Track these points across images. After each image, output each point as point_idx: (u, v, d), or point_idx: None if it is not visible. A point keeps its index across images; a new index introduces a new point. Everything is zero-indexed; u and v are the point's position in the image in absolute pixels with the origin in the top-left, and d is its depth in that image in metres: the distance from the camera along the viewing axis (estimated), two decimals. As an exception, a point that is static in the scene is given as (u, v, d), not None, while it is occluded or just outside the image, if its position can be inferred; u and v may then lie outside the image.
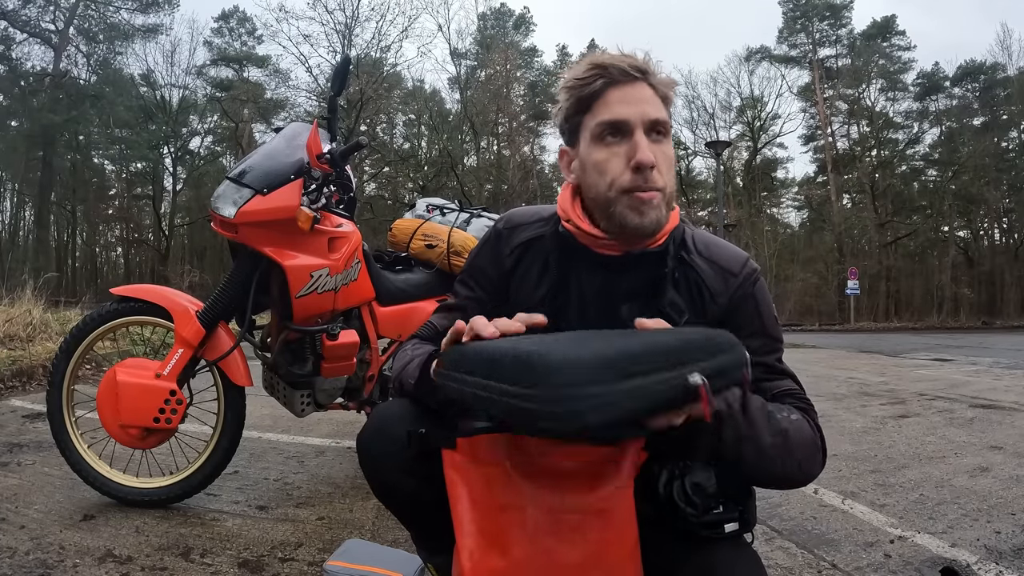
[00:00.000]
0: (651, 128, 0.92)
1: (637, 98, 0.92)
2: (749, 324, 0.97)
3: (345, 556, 1.19)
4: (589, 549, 0.77)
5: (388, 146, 26.41)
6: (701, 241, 1.00)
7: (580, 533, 0.77)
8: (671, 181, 0.94)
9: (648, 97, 0.93)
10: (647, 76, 0.93)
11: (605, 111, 0.92)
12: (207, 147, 27.27)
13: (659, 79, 0.95)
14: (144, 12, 24.29)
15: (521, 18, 29.65)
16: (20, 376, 4.05)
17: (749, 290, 0.98)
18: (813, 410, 0.97)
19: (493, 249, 1.05)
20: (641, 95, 0.92)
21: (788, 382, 0.98)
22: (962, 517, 1.97)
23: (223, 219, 1.79)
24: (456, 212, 2.43)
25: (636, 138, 0.90)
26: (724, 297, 0.97)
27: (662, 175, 0.91)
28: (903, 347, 10.27)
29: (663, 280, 0.96)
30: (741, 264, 0.99)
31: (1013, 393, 4.63)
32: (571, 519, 0.77)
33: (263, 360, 2.09)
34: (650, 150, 0.90)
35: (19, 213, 25.63)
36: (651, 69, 0.94)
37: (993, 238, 27.89)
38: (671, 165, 0.94)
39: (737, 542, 0.91)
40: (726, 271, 0.98)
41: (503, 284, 1.03)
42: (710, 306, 0.96)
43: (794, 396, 0.97)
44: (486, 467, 0.80)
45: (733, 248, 1.02)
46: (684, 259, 0.98)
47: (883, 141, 27.38)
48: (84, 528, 1.72)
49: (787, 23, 28.22)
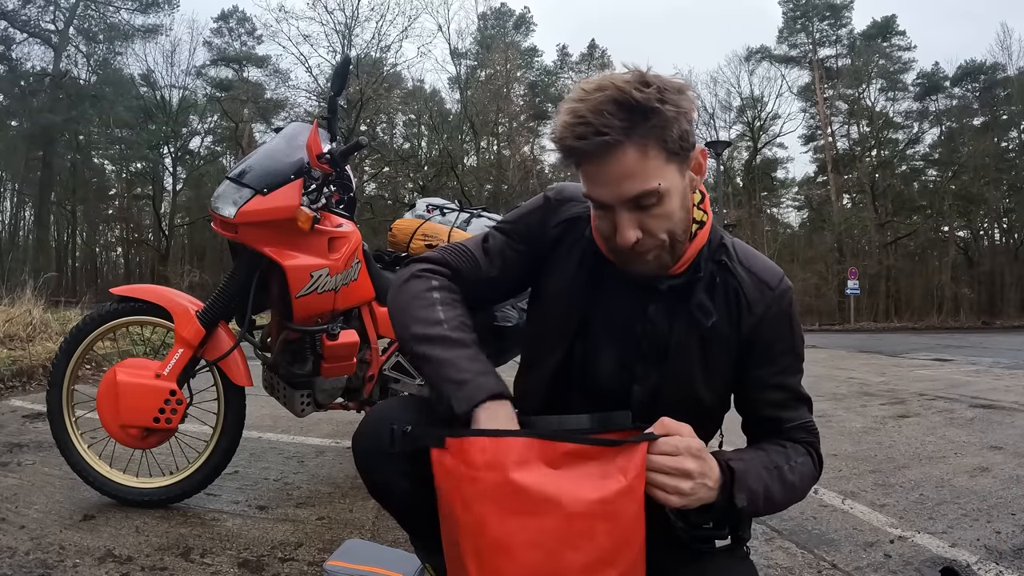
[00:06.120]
0: (635, 202, 0.84)
1: (614, 176, 0.83)
2: (781, 341, 0.99)
3: (345, 556, 1.19)
4: (596, 552, 0.76)
5: (388, 146, 26.38)
6: (741, 251, 1.00)
7: (587, 537, 0.76)
8: (675, 226, 0.88)
9: (627, 168, 0.82)
10: (630, 133, 0.81)
11: (586, 183, 0.88)
12: (207, 147, 27.26)
13: (652, 120, 0.81)
14: (144, 12, 24.27)
15: (521, 18, 29.63)
16: (20, 376, 4.05)
17: (786, 308, 0.99)
18: (817, 437, 1.01)
19: (543, 216, 1.02)
20: (618, 171, 0.82)
21: (804, 411, 1.01)
22: (962, 517, 1.97)
23: (223, 219, 1.79)
24: (456, 212, 2.43)
25: (617, 218, 0.86)
26: (760, 307, 0.97)
27: (654, 236, 0.87)
28: (903, 347, 10.27)
29: (695, 283, 0.95)
30: (778, 279, 0.99)
31: (1013, 393, 4.63)
32: (578, 523, 0.75)
33: (263, 360, 2.09)
34: (636, 221, 0.85)
35: (19, 213, 25.60)
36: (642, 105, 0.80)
37: (993, 238, 27.87)
38: (670, 218, 0.87)
39: (733, 552, 0.94)
40: (763, 283, 0.98)
41: (543, 250, 1.01)
42: (745, 315, 0.96)
43: (805, 429, 1.00)
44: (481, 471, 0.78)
45: (770, 262, 1.02)
46: (726, 265, 0.97)
47: (883, 141, 27.34)
48: (84, 528, 1.72)
49: (787, 23, 28.20)
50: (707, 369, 0.97)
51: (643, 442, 0.81)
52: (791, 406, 0.99)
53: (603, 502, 0.76)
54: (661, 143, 0.83)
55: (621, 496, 0.77)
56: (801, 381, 1.02)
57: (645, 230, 0.86)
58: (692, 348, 0.96)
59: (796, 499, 0.97)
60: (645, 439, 0.81)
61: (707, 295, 0.95)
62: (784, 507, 0.97)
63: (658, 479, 0.80)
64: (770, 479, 0.90)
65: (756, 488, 0.88)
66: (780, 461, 0.93)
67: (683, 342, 0.96)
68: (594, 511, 0.76)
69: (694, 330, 0.95)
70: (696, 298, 0.95)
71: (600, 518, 0.76)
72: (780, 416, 0.99)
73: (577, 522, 0.75)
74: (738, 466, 0.87)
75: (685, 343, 0.96)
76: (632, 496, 0.79)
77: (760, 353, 0.98)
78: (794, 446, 0.98)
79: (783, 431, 0.99)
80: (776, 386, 0.99)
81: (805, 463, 0.96)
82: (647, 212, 0.85)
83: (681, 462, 0.81)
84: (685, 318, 0.95)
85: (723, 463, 0.86)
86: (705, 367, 0.97)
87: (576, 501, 0.76)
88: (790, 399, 1.00)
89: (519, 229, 1.03)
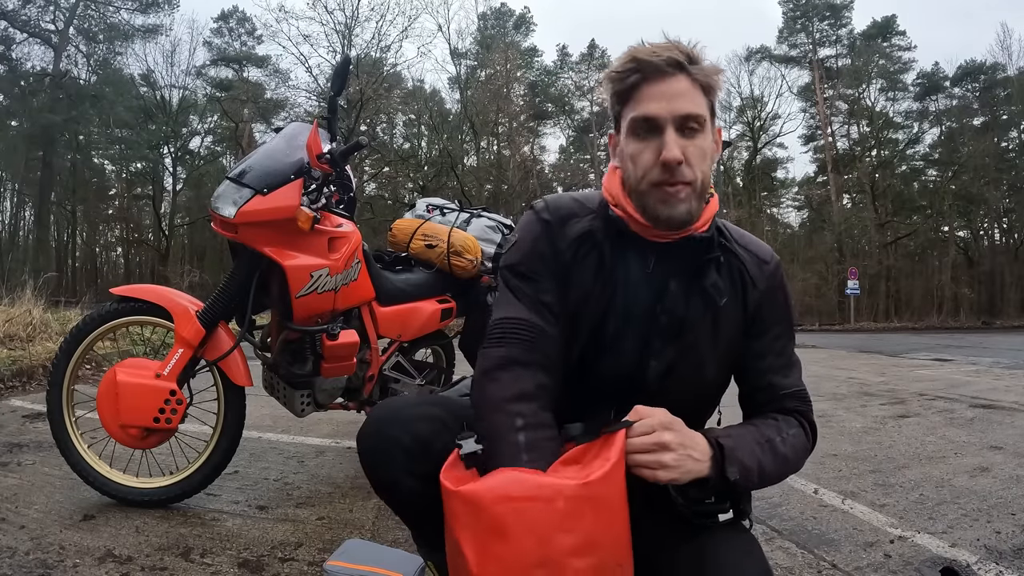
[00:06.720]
0: (683, 123, 0.92)
1: (670, 94, 0.92)
2: (778, 312, 1.05)
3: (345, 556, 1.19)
4: (584, 535, 0.80)
5: (388, 146, 26.35)
6: (735, 231, 1.06)
7: (576, 519, 0.79)
8: (705, 172, 0.95)
9: (682, 91, 0.92)
10: (685, 67, 0.93)
11: (638, 106, 0.94)
12: (207, 147, 27.24)
13: (700, 68, 0.94)
14: (144, 12, 24.24)
15: (521, 18, 29.61)
16: (20, 376, 4.05)
17: (780, 280, 1.06)
18: (809, 406, 1.06)
19: (550, 242, 1.01)
20: (675, 90, 0.92)
21: (796, 376, 1.06)
22: (962, 517, 1.97)
23: (223, 219, 1.79)
24: (456, 212, 2.43)
25: (665, 135, 0.92)
26: (762, 283, 1.03)
27: (692, 168, 0.93)
28: (903, 347, 10.27)
29: (709, 262, 1.00)
30: (771, 255, 1.07)
31: (1013, 393, 4.63)
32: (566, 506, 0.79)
33: (263, 360, 2.09)
34: (680, 145, 0.91)
35: (19, 213, 25.60)
36: (692, 58, 0.93)
37: (993, 238, 27.84)
38: (705, 157, 0.94)
39: (734, 526, 0.97)
40: (761, 260, 1.05)
41: (564, 272, 1.01)
42: (751, 291, 1.02)
43: (798, 397, 1.05)
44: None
45: (758, 239, 1.09)
46: (726, 245, 1.02)
47: (883, 141, 27.32)
48: (84, 528, 1.72)
49: (787, 23, 28.17)
50: (716, 346, 1.01)
51: (621, 429, 0.86)
52: (786, 371, 1.05)
53: (587, 485, 0.81)
54: (704, 92, 0.94)
55: (604, 479, 0.82)
56: (793, 346, 1.08)
57: (686, 157, 0.91)
58: (706, 325, 1.00)
59: (791, 470, 1.01)
60: (622, 426, 0.87)
61: (718, 274, 1.00)
62: (780, 479, 1.01)
63: (640, 458, 0.86)
64: (762, 453, 0.95)
65: (748, 462, 0.92)
66: (772, 435, 0.98)
67: (698, 319, 1.00)
68: (580, 494, 0.80)
69: (708, 308, 0.99)
70: (710, 277, 0.99)
71: (586, 501, 0.80)
72: (776, 383, 1.04)
73: (566, 505, 0.80)
74: (727, 442, 0.91)
75: (700, 320, 1.00)
76: (614, 479, 0.83)
77: (760, 325, 1.04)
78: (786, 418, 1.02)
79: (777, 399, 1.03)
80: (773, 352, 1.05)
81: (797, 434, 1.01)
82: (690, 139, 0.92)
83: (658, 436, 0.86)
84: (700, 295, 0.99)
85: (713, 440, 0.91)
86: (715, 344, 1.01)
87: (564, 486, 0.81)
88: (785, 365, 1.05)
89: (536, 268, 1.01)
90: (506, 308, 1.00)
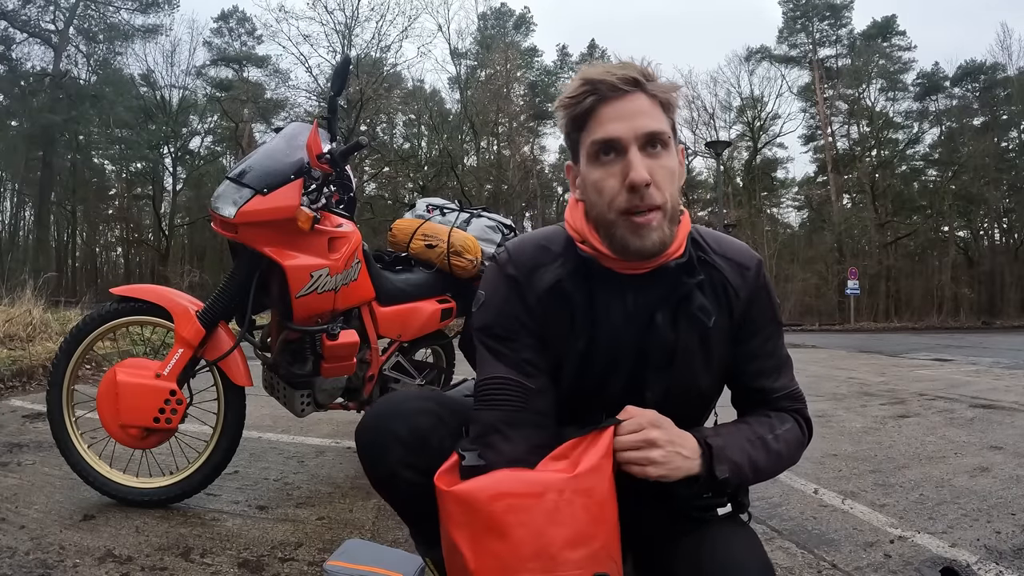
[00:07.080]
0: (647, 142, 0.88)
1: (630, 112, 0.88)
2: (764, 314, 1.03)
3: (345, 556, 1.19)
4: (574, 527, 0.81)
5: (388, 146, 26.36)
6: (712, 239, 1.03)
7: (567, 512, 0.81)
8: (673, 194, 0.91)
9: (643, 109, 0.89)
10: (642, 84, 0.89)
11: (597, 129, 0.89)
12: (207, 147, 27.26)
13: (657, 85, 0.91)
14: (144, 12, 24.27)
15: (521, 18, 29.63)
16: (20, 376, 4.05)
17: (763, 282, 1.03)
18: (804, 403, 1.06)
19: (520, 299, 0.97)
20: (634, 108, 0.89)
21: (789, 376, 1.06)
22: (962, 517, 1.97)
23: (223, 219, 1.79)
24: (456, 212, 2.43)
25: (630, 156, 0.87)
26: (745, 291, 1.00)
27: (661, 190, 0.88)
28: (903, 347, 10.27)
29: (692, 287, 0.96)
30: (750, 257, 1.03)
31: (1013, 393, 4.63)
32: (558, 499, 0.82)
33: (263, 360, 2.09)
34: (646, 166, 0.87)
35: (19, 213, 25.61)
36: (648, 76, 0.90)
37: (993, 238, 27.87)
38: (672, 177, 0.90)
39: (734, 519, 0.97)
40: (742, 266, 1.01)
41: (540, 327, 0.98)
42: (734, 302, 1.00)
43: (791, 397, 1.05)
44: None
45: (737, 241, 1.06)
46: (705, 260, 0.99)
47: (883, 141, 27.33)
48: (84, 528, 1.72)
49: (787, 23, 28.20)
50: (708, 362, 1.00)
51: (609, 427, 0.89)
52: (777, 373, 1.04)
53: (576, 478, 0.83)
54: (664, 109, 0.91)
55: (592, 472, 0.84)
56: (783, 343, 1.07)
57: (653, 179, 0.88)
58: (695, 347, 0.98)
59: (786, 465, 1.02)
60: (611, 423, 0.89)
61: (702, 295, 0.97)
62: (775, 473, 1.02)
63: (629, 455, 0.87)
64: (753, 450, 0.95)
65: (738, 460, 0.93)
66: (763, 432, 0.98)
67: (688, 343, 0.98)
68: (569, 487, 0.83)
69: (697, 330, 0.97)
70: (696, 301, 0.96)
71: (575, 493, 0.82)
72: (767, 386, 1.03)
73: (556, 498, 0.82)
74: (715, 441, 0.92)
75: (689, 344, 0.98)
76: (602, 473, 0.85)
77: (749, 327, 1.02)
78: (779, 415, 1.02)
79: (770, 401, 1.03)
80: (764, 354, 1.04)
81: (791, 430, 1.01)
82: (656, 160, 0.89)
83: (645, 434, 0.88)
84: (688, 321, 0.97)
85: (701, 440, 0.91)
86: (707, 361, 1.00)
87: (553, 480, 0.84)
88: (775, 366, 1.04)
89: (511, 327, 0.97)
90: (489, 368, 0.97)
